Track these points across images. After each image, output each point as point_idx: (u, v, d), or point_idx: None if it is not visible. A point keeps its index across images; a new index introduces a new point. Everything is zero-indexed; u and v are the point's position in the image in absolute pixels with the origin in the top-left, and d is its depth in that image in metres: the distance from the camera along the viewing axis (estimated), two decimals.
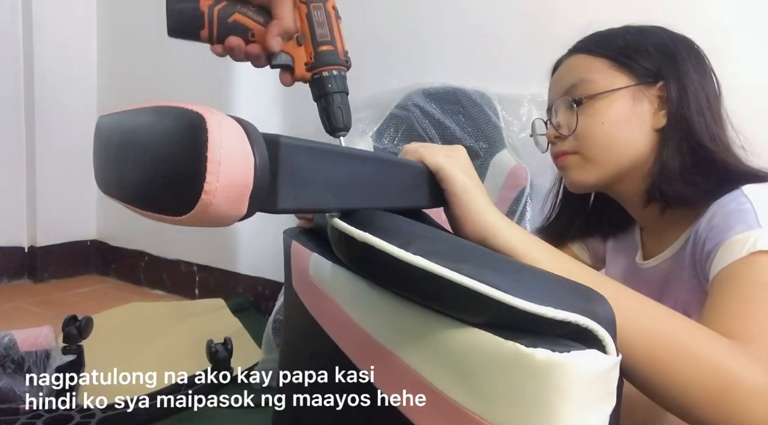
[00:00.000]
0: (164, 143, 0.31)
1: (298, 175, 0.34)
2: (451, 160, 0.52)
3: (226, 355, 1.07)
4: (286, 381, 0.75)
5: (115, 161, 0.37)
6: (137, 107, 0.35)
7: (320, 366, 0.59)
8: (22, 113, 1.93)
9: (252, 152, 0.31)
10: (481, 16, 1.40)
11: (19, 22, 1.90)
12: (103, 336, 1.29)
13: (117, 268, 2.08)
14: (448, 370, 0.37)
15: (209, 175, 0.29)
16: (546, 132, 0.74)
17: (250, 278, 1.74)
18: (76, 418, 0.89)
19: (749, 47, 1.08)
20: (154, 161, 0.31)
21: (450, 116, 1.29)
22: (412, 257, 0.36)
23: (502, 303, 0.34)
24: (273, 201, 0.33)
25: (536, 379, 0.33)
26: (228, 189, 0.29)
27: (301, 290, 0.65)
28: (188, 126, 0.30)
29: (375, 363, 0.45)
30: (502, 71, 1.35)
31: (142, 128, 0.33)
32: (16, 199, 1.95)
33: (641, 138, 0.68)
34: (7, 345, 0.97)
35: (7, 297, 1.77)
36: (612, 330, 0.36)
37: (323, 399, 0.57)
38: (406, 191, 0.48)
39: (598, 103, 0.68)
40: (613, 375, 0.35)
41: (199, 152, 0.29)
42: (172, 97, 1.38)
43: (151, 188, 0.32)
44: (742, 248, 0.55)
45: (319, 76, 0.63)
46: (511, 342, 0.34)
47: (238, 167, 0.30)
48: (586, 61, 0.71)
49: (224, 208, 0.30)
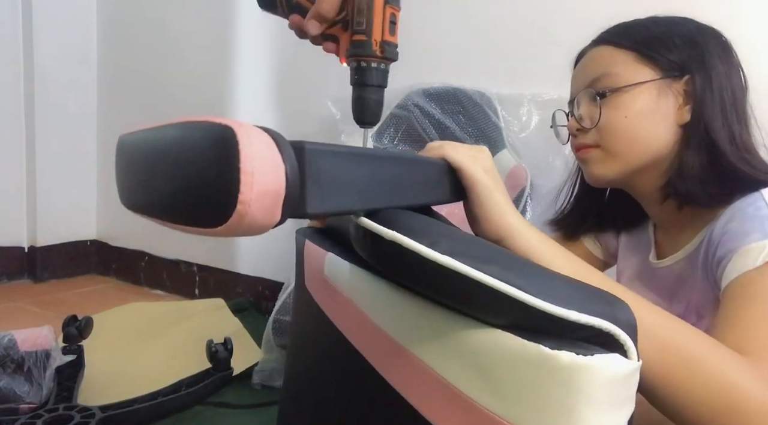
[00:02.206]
0: (195, 158, 0.31)
1: (324, 179, 0.35)
2: (473, 159, 0.53)
3: (226, 355, 1.07)
4: (293, 379, 0.75)
5: (143, 179, 0.37)
6: (160, 124, 0.35)
7: (332, 364, 0.59)
8: (22, 112, 1.93)
9: (282, 160, 0.32)
10: (481, 16, 1.40)
11: (19, 22, 1.89)
12: (103, 336, 1.29)
13: (117, 268, 2.08)
14: (468, 370, 0.37)
15: (243, 185, 0.29)
16: (567, 124, 0.73)
17: (250, 278, 1.74)
18: (76, 418, 0.89)
19: None
20: (185, 175, 0.32)
21: (450, 116, 1.29)
22: (440, 256, 0.36)
23: (527, 305, 0.35)
24: (302, 206, 0.33)
25: (559, 381, 0.33)
26: (262, 198, 0.30)
27: (314, 289, 0.65)
28: (219, 139, 0.30)
29: (391, 362, 0.45)
30: (502, 71, 1.35)
31: (169, 144, 0.34)
32: (16, 199, 1.95)
33: (664, 133, 0.66)
34: (7, 345, 0.96)
35: (7, 297, 1.77)
36: (633, 335, 0.36)
37: (336, 396, 0.57)
38: (428, 188, 0.49)
39: (622, 97, 0.66)
40: (634, 380, 0.36)
41: (232, 164, 0.29)
42: (172, 97, 1.38)
43: (185, 203, 0.32)
44: (757, 257, 0.54)
45: (358, 64, 0.62)
46: (535, 344, 0.34)
47: (271, 175, 0.31)
48: (610, 54, 0.69)
49: (259, 217, 0.30)
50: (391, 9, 0.61)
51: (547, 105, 1.22)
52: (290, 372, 0.79)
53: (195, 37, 1.83)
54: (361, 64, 0.61)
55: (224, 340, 1.10)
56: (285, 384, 0.81)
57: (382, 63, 0.61)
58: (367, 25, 0.60)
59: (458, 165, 0.52)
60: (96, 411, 0.91)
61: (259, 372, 1.17)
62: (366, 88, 0.62)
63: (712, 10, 0.71)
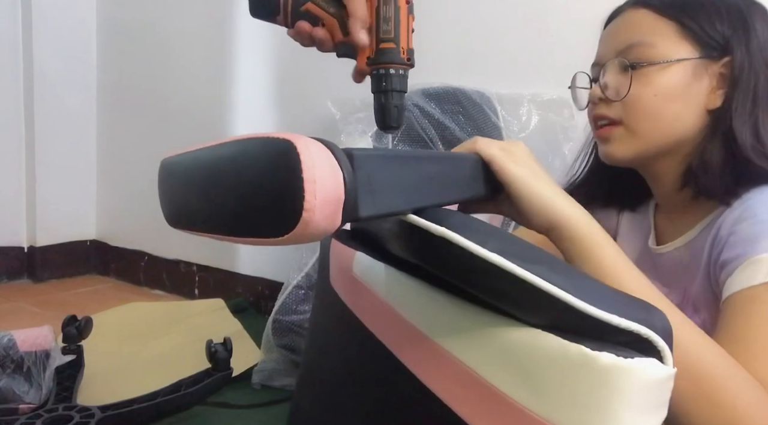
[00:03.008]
0: (258, 171, 0.33)
1: (374, 183, 0.37)
2: (504, 152, 0.52)
3: (225, 355, 1.07)
4: (311, 379, 0.75)
5: (201, 197, 0.39)
6: (213, 144, 0.37)
7: (360, 364, 0.60)
8: (22, 113, 1.93)
9: (339, 167, 0.33)
10: (481, 16, 1.40)
11: (19, 22, 1.89)
12: (102, 336, 1.29)
13: (116, 268, 2.08)
14: (506, 369, 0.38)
15: (307, 194, 0.31)
16: (589, 89, 0.68)
17: (250, 279, 1.74)
18: (75, 418, 0.89)
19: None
20: (250, 189, 0.33)
21: (450, 116, 1.29)
22: (489, 254, 0.37)
23: (572, 307, 0.36)
24: (356, 211, 0.35)
25: (599, 381, 0.34)
26: (325, 204, 0.32)
27: (341, 288, 0.66)
28: (280, 151, 0.32)
29: (426, 360, 0.46)
30: (502, 71, 1.35)
31: (229, 161, 0.35)
32: (16, 199, 1.95)
33: (692, 117, 0.63)
34: (7, 345, 0.96)
35: (6, 297, 1.77)
36: (669, 342, 0.37)
37: (365, 395, 0.57)
38: (467, 184, 0.51)
39: (656, 73, 0.62)
40: (669, 386, 0.36)
41: (296, 174, 0.31)
42: (172, 97, 1.38)
43: (250, 216, 0.34)
44: (764, 272, 0.52)
45: (378, 72, 0.63)
46: (576, 345, 0.35)
47: (331, 183, 0.32)
48: (651, 20, 0.64)
49: (322, 223, 0.32)
50: (412, 17, 0.65)
51: (547, 105, 1.22)
52: (308, 369, 0.79)
53: (195, 37, 1.83)
54: (390, 70, 0.62)
55: (224, 340, 1.10)
56: (301, 381, 0.81)
57: (404, 68, 0.63)
58: (395, 33, 0.63)
59: (489, 159, 0.52)
60: (95, 411, 0.91)
61: (259, 372, 1.17)
62: (391, 94, 0.63)
63: None
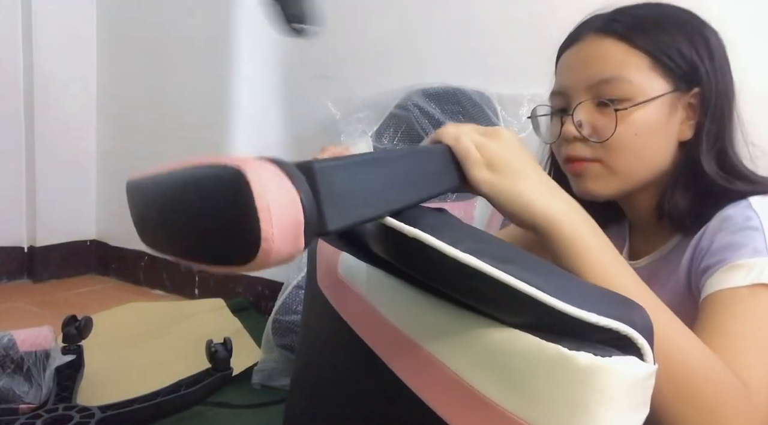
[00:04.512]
0: (210, 203, 0.32)
1: (338, 194, 0.35)
2: (476, 154, 0.48)
3: (225, 355, 1.07)
4: (302, 379, 0.75)
5: (161, 224, 0.37)
6: (168, 169, 0.35)
7: (345, 364, 0.59)
8: (22, 113, 1.93)
9: (295, 188, 0.32)
10: (481, 16, 1.40)
11: (18, 22, 1.89)
12: (102, 336, 1.29)
13: (117, 268, 2.08)
14: (485, 369, 0.38)
15: (263, 223, 0.29)
16: (561, 127, 0.64)
17: (250, 278, 1.74)
18: (75, 418, 0.89)
19: None
20: (204, 220, 0.32)
21: (450, 116, 1.29)
22: (461, 254, 0.37)
23: (547, 306, 0.35)
24: (323, 226, 0.34)
25: (577, 381, 0.33)
26: (284, 231, 0.30)
27: (327, 288, 0.65)
28: (229, 182, 0.30)
29: (407, 361, 0.45)
30: (502, 71, 1.35)
31: (182, 190, 0.34)
32: (16, 199, 1.95)
33: (667, 151, 0.62)
34: (7, 345, 0.96)
35: (6, 297, 1.77)
36: (650, 339, 0.36)
37: (350, 395, 0.57)
38: (439, 177, 0.49)
39: (635, 111, 0.60)
40: (649, 383, 0.36)
41: (248, 204, 0.29)
42: (172, 99, 1.38)
43: (208, 245, 0.33)
44: (746, 275, 0.52)
45: None
46: (554, 344, 0.34)
47: (287, 207, 0.31)
48: (621, 53, 0.61)
49: (285, 249, 0.31)
50: None
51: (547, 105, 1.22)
52: (299, 372, 0.79)
53: (196, 37, 1.83)
54: None
55: (224, 340, 1.10)
56: (294, 384, 0.81)
57: None
58: None
59: (459, 159, 0.49)
60: (95, 411, 0.91)
61: (259, 372, 1.17)
62: None
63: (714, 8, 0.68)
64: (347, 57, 1.57)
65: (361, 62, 1.56)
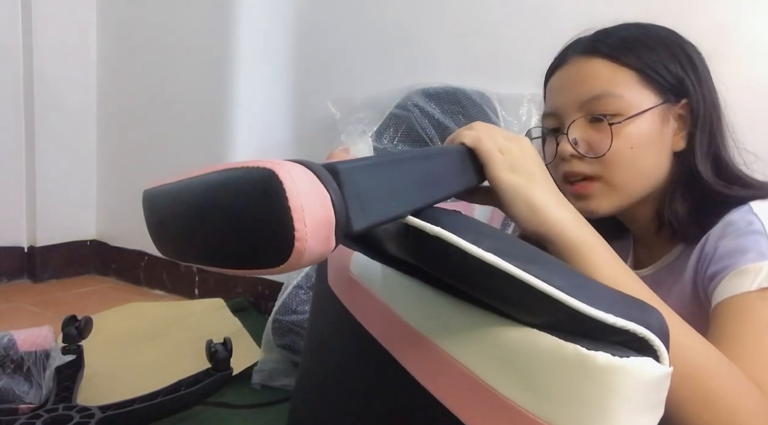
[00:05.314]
0: (243, 205, 0.31)
1: (363, 194, 0.35)
2: (501, 156, 0.51)
3: (225, 355, 1.07)
4: (310, 379, 0.75)
5: (187, 232, 0.37)
6: (195, 174, 0.35)
7: (357, 363, 0.59)
8: (22, 112, 1.93)
9: (325, 188, 0.32)
10: (481, 16, 1.40)
11: (18, 22, 1.89)
12: (102, 336, 1.29)
13: (116, 268, 2.08)
14: (502, 368, 0.38)
15: (296, 223, 0.29)
16: (558, 147, 0.65)
17: (250, 279, 1.74)
18: (75, 418, 0.89)
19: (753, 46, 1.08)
20: (237, 223, 0.32)
21: (450, 116, 1.29)
22: (483, 253, 0.37)
23: (567, 306, 0.35)
24: (349, 227, 0.34)
25: (595, 381, 0.33)
26: (316, 230, 0.30)
27: (338, 288, 0.66)
28: (263, 183, 0.30)
29: (422, 360, 0.46)
30: (502, 71, 1.35)
31: (213, 194, 0.34)
32: (16, 199, 1.95)
33: (664, 163, 0.64)
34: (7, 345, 0.96)
35: (6, 297, 1.77)
36: (666, 341, 0.37)
37: (362, 394, 0.57)
38: (458, 176, 0.50)
39: (629, 125, 0.61)
40: (665, 385, 0.36)
41: (282, 204, 0.29)
42: (172, 99, 1.38)
43: (241, 249, 0.32)
44: (753, 280, 0.53)
45: None
46: (572, 344, 0.35)
47: (319, 207, 0.31)
48: (609, 71, 0.63)
49: (317, 249, 0.31)
50: None
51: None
52: (307, 371, 0.78)
53: (196, 37, 1.83)
54: None
55: (224, 340, 1.10)
56: (299, 384, 0.81)
57: None
58: None
59: (483, 160, 0.51)
60: (95, 411, 0.91)
61: (259, 372, 1.17)
62: None
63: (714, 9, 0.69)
64: (347, 57, 1.58)
65: (361, 62, 1.56)
